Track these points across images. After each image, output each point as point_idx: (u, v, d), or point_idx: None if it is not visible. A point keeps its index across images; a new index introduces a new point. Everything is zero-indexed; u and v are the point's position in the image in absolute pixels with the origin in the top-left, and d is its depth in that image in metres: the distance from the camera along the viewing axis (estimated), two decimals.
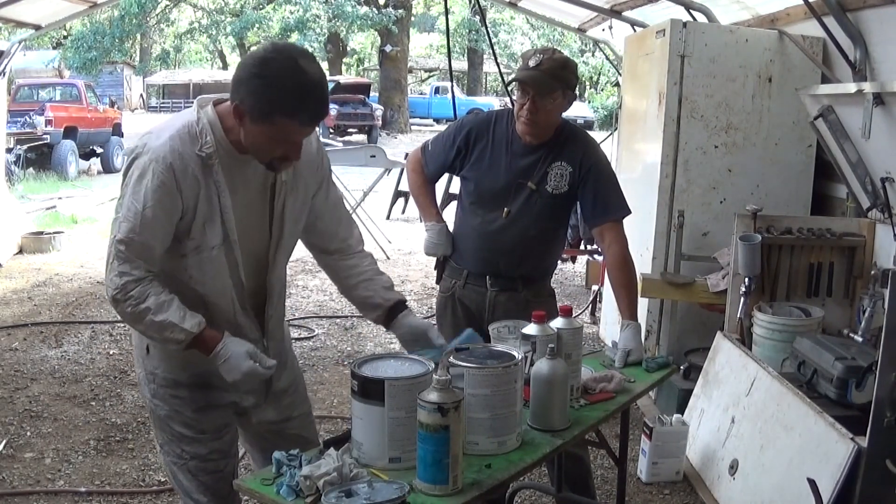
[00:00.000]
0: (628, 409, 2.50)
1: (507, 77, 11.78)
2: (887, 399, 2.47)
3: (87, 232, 9.36)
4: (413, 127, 26.86)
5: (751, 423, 3.27)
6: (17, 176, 12.56)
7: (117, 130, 17.03)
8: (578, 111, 24.97)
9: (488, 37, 14.37)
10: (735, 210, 4.11)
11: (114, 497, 3.40)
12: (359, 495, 1.63)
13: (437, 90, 30.64)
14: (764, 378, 3.30)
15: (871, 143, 3.49)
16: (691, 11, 5.12)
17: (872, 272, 3.79)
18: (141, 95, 36.83)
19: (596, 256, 6.25)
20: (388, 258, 8.21)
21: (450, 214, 3.06)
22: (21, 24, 7.44)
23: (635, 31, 6.16)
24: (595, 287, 6.30)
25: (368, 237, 2.50)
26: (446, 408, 1.65)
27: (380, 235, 8.65)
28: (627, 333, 2.59)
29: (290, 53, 1.85)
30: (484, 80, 37.00)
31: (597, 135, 5.41)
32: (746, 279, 3.85)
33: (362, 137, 23.39)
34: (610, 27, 6.93)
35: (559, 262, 3.87)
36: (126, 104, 32.02)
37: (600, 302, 5.95)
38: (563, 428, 2.05)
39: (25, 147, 13.68)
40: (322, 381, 4.84)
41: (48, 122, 14.42)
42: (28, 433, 3.97)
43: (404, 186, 9.64)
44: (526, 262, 2.86)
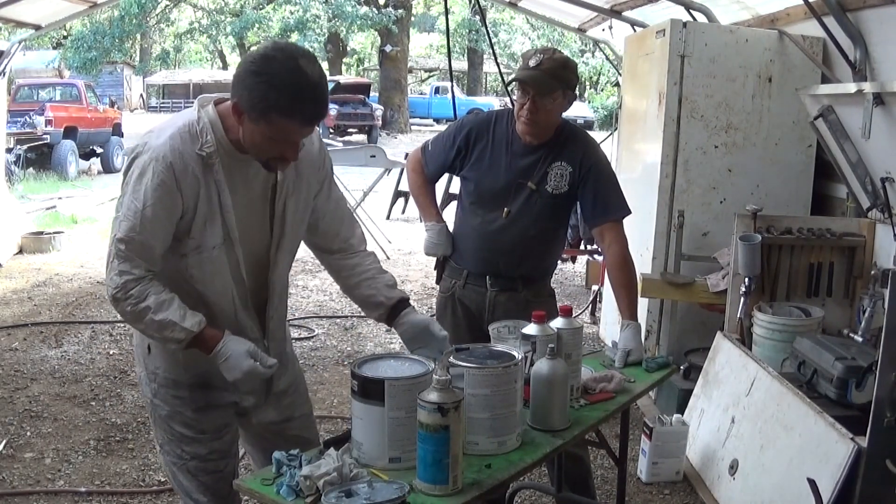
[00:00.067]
0: (628, 409, 2.50)
1: (507, 77, 11.78)
2: (887, 399, 2.48)
3: (87, 232, 9.36)
4: (413, 127, 26.85)
5: (751, 423, 3.27)
6: (17, 176, 12.56)
7: (117, 130, 17.03)
8: (578, 111, 24.96)
9: (488, 37, 14.38)
10: (735, 210, 4.11)
11: (114, 497, 3.40)
12: (359, 495, 1.63)
13: (437, 90, 30.64)
14: (764, 378, 3.30)
15: (871, 143, 3.49)
16: (691, 11, 5.12)
17: (872, 272, 3.79)
18: (141, 95, 36.83)
19: (596, 256, 6.24)
20: (389, 258, 8.20)
21: (450, 214, 3.06)
22: (21, 24, 7.44)
23: (635, 31, 6.16)
24: (595, 287, 6.30)
25: (368, 237, 2.49)
26: (446, 408, 1.65)
27: (380, 235, 8.65)
28: (627, 333, 2.59)
29: (292, 53, 1.84)
30: (484, 80, 37.00)
31: (597, 135, 5.40)
32: (746, 279, 3.85)
33: (362, 137, 23.38)
34: (610, 27, 6.93)
35: (559, 262, 3.87)
36: (126, 104, 32.02)
37: (600, 302, 5.95)
38: (563, 428, 2.05)
39: (25, 147, 13.68)
40: (322, 381, 4.84)
41: (48, 122, 14.41)
42: (28, 433, 3.97)
43: (404, 186, 9.64)
44: (526, 262, 2.86)
